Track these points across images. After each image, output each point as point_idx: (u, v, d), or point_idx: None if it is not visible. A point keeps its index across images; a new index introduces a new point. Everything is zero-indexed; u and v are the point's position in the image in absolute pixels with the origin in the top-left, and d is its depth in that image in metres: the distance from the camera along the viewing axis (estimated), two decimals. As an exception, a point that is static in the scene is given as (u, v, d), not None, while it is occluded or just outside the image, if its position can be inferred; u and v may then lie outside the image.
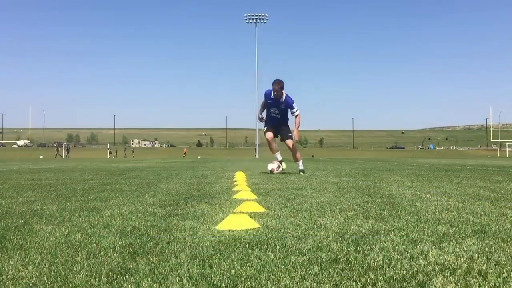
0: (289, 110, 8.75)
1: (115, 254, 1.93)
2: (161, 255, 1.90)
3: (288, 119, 8.95)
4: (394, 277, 1.58)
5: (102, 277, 1.60)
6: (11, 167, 14.63)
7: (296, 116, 8.77)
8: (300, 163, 9.12)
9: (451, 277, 1.57)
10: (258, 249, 2.01)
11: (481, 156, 63.62)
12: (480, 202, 3.77)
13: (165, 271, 1.67)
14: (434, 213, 3.10)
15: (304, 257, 1.86)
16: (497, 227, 2.53)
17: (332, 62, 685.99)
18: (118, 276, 1.62)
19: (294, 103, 8.67)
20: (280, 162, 8.86)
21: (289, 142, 8.91)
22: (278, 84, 8.52)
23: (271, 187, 5.44)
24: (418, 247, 2.02)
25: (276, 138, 9.15)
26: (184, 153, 79.56)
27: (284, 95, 8.59)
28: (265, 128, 9.01)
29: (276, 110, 8.77)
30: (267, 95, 8.76)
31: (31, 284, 1.55)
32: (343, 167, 13.05)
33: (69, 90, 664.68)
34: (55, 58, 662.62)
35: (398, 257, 1.84)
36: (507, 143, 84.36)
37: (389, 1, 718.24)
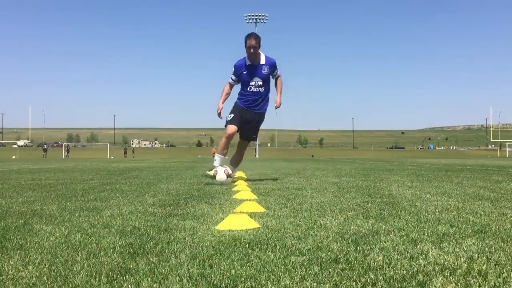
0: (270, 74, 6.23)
1: (115, 254, 1.93)
2: (161, 255, 1.90)
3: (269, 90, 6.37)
4: (394, 277, 1.58)
5: (102, 277, 1.60)
6: (11, 167, 14.63)
7: (277, 78, 6.39)
8: (237, 168, 6.85)
9: (451, 277, 1.57)
10: (258, 249, 2.01)
11: (481, 156, 63.60)
12: (480, 202, 3.77)
13: (165, 271, 1.67)
14: (434, 213, 3.10)
15: (304, 257, 1.86)
16: (497, 227, 2.53)
17: (332, 62, 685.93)
18: (118, 276, 1.62)
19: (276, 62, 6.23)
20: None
21: (249, 143, 6.73)
22: (256, 38, 6.01)
23: (271, 187, 5.44)
24: (418, 247, 2.02)
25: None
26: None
27: (263, 55, 6.17)
28: (231, 116, 6.24)
29: (259, 81, 6.12)
30: (239, 66, 6.13)
31: (31, 284, 1.55)
32: (343, 167, 13.05)
33: (69, 90, 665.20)
34: (55, 58, 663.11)
35: (398, 257, 1.84)
36: (507, 143, 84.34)
37: (389, 1, 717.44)
